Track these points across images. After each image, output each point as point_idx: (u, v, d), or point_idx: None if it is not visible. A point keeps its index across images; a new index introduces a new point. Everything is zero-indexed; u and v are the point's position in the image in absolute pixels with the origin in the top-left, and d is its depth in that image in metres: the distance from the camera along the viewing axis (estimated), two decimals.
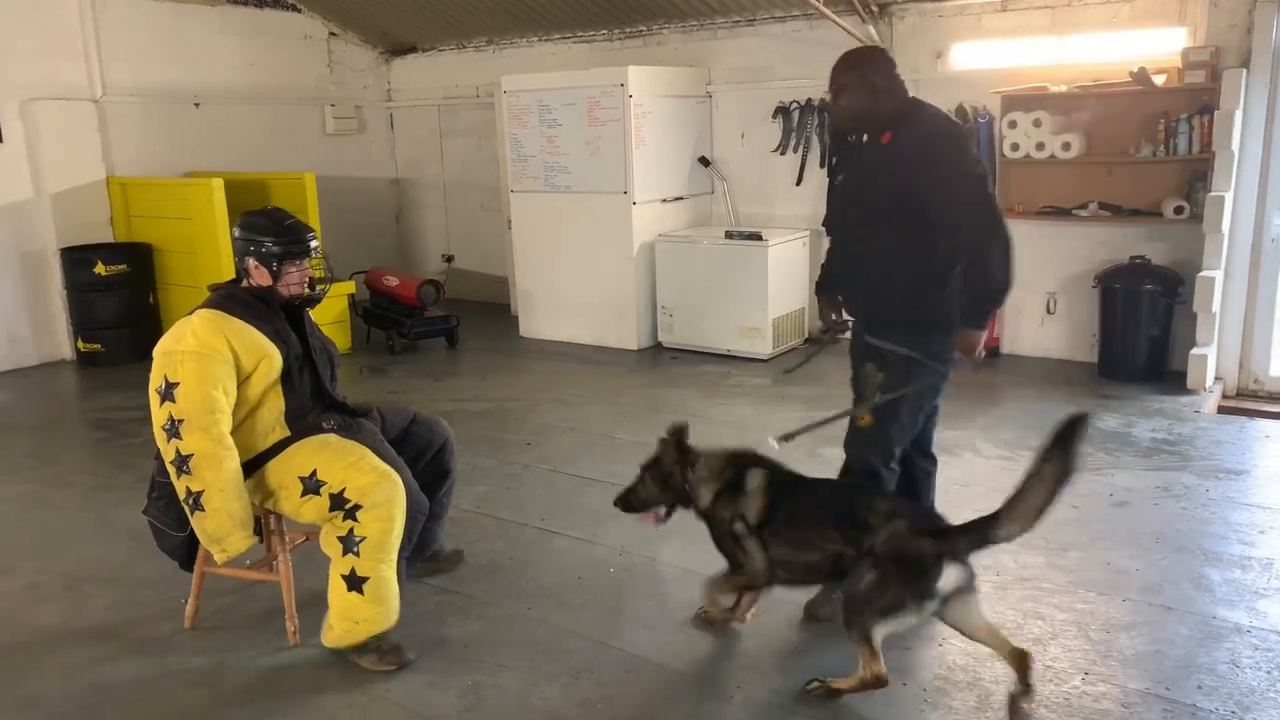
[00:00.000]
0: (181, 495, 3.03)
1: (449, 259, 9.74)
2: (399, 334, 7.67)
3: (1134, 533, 4.03)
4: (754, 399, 6.22)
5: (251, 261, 3.22)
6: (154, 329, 7.67)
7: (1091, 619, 3.33)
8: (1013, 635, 3.19)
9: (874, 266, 3.29)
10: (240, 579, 3.49)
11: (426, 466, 3.52)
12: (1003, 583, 3.60)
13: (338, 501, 3.05)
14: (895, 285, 3.23)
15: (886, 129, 3.22)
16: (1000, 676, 2.97)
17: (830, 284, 3.61)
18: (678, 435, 3.20)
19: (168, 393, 3.03)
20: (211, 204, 7.11)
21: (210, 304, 3.17)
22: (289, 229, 3.25)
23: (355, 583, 3.06)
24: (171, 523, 3.18)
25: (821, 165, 7.47)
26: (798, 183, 7.62)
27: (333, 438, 3.19)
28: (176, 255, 7.59)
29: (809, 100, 7.46)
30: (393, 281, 7.86)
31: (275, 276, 3.23)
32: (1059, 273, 6.78)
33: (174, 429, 3.00)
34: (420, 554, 3.69)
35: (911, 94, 3.35)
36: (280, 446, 3.17)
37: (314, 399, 3.30)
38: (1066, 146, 6.35)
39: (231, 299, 3.19)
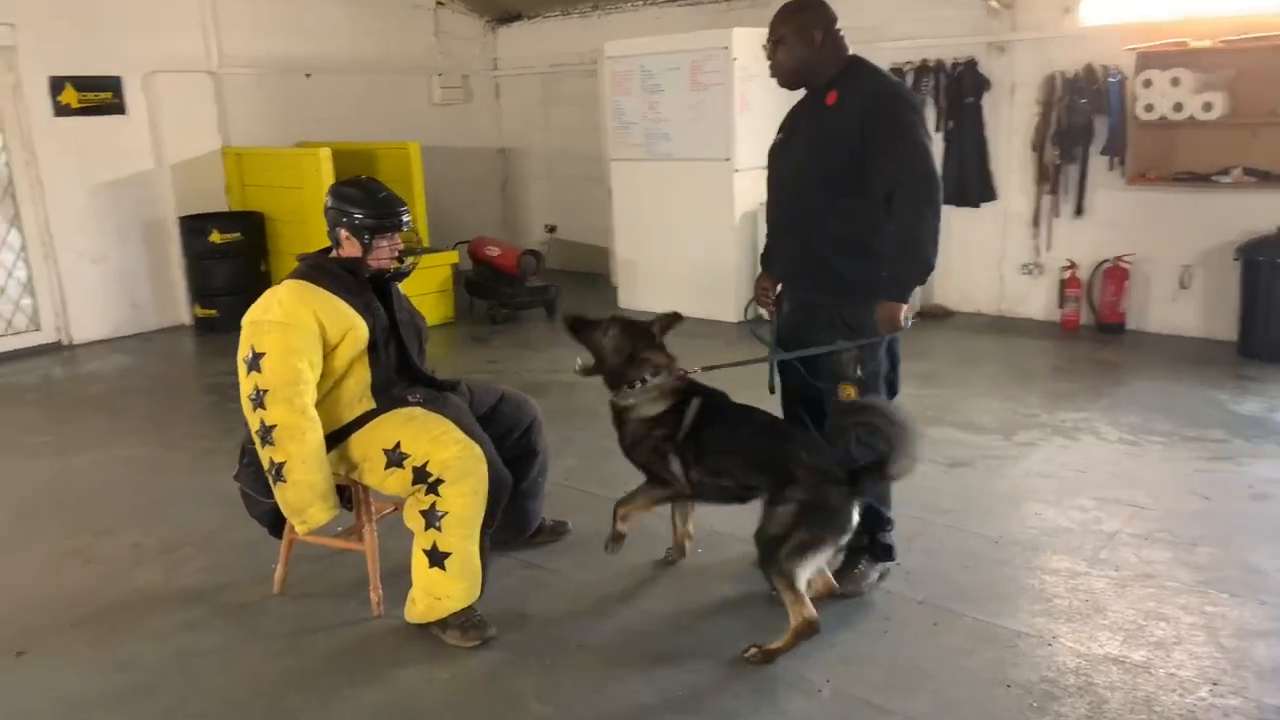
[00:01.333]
0: (265, 466, 3.04)
1: (551, 229, 9.70)
2: (499, 304, 7.67)
3: (1275, 529, 3.68)
4: None
5: (343, 232, 3.19)
6: None
7: (1223, 623, 3.04)
8: (1132, 638, 2.96)
9: (807, 226, 3.16)
10: (328, 547, 3.51)
11: (514, 445, 3.47)
12: (1122, 579, 3.33)
13: (420, 475, 3.01)
14: (825, 246, 3.11)
15: (831, 88, 3.09)
16: (1115, 683, 2.74)
17: (769, 256, 3.44)
18: (667, 326, 3.23)
19: (254, 363, 3.02)
20: (319, 173, 7.22)
21: (298, 274, 3.16)
22: (382, 201, 3.20)
23: (437, 558, 3.02)
24: (261, 489, 3.19)
25: (938, 129, 7.12)
26: None
27: (418, 411, 3.15)
28: (287, 224, 7.75)
29: (924, 61, 7.09)
30: (494, 252, 7.86)
31: (366, 249, 3.19)
32: (1195, 245, 6.30)
33: (259, 400, 3.00)
34: (520, 533, 3.66)
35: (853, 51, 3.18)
36: (365, 419, 3.14)
37: (400, 372, 3.26)
38: (1208, 107, 5.86)
39: (319, 269, 3.17)
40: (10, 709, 2.85)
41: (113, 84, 7.46)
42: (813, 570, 2.93)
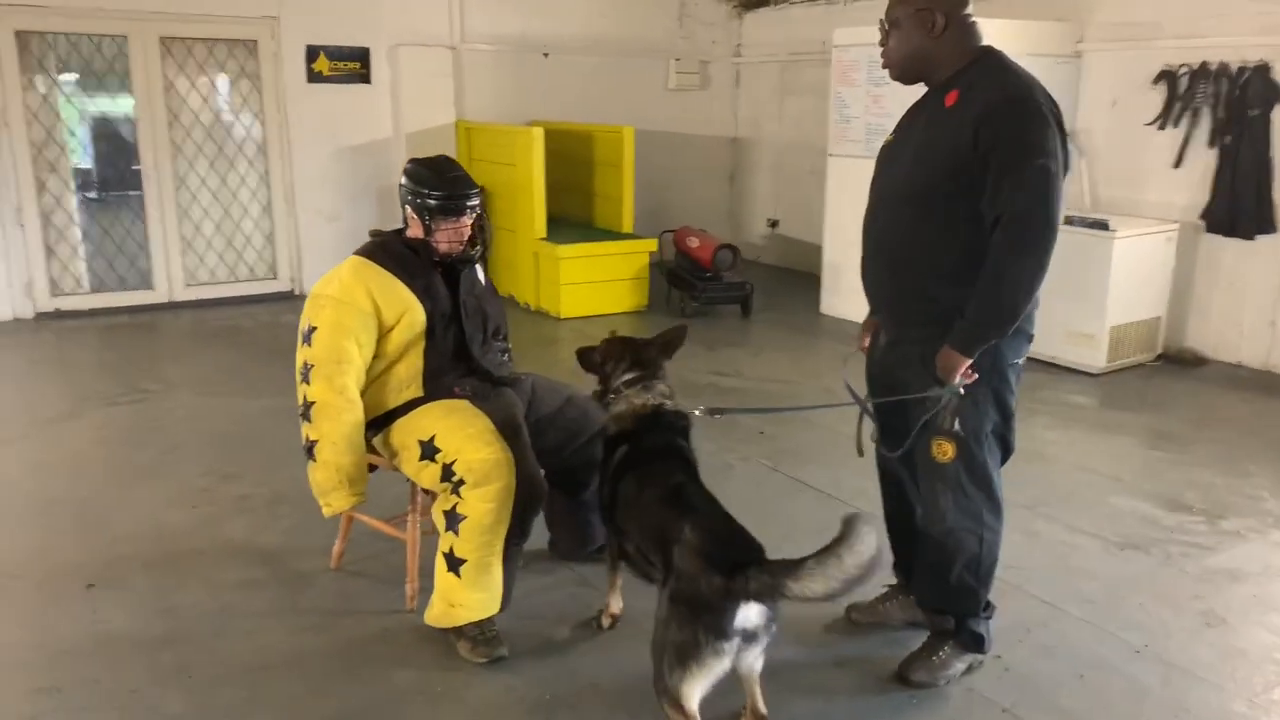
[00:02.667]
0: (302, 442, 2.99)
1: (774, 224, 9.31)
2: (691, 297, 7.43)
3: None
4: (1068, 422, 5.18)
5: (409, 211, 3.08)
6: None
7: None
8: None
9: (903, 247, 2.66)
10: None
11: (575, 452, 3.23)
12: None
13: (447, 473, 2.85)
14: (922, 272, 2.62)
15: (952, 87, 2.53)
16: None
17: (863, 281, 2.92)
18: (667, 345, 2.95)
19: (307, 337, 2.98)
20: (530, 152, 7.30)
21: (362, 251, 3.09)
22: (449, 183, 3.06)
23: (454, 563, 2.85)
24: None
25: (1210, 144, 6.04)
26: (1176, 164, 6.23)
27: (461, 404, 2.99)
28: (503, 199, 7.92)
29: (1202, 64, 6.03)
30: (694, 243, 7.61)
31: (428, 230, 3.07)
32: None
33: (305, 374, 2.96)
34: (582, 547, 3.44)
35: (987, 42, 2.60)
36: (410, 405, 3.03)
37: (456, 360, 3.11)
38: None
39: (383, 248, 3.09)
40: (50, 634, 3.00)
41: (361, 55, 7.93)
42: (703, 686, 2.27)
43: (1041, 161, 2.42)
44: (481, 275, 3.29)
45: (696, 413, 2.88)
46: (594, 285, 7.50)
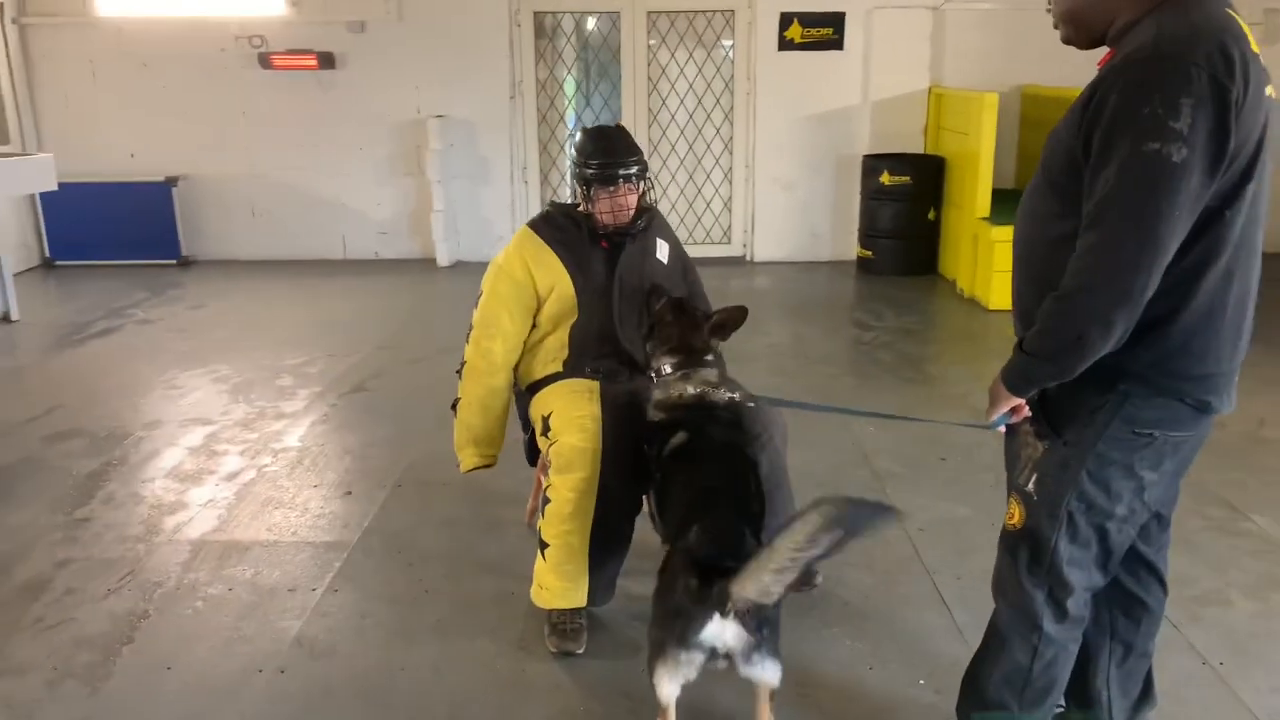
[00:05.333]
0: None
1: None
2: None
3: None
4: None
5: (574, 181, 3.02)
6: (927, 246, 7.56)
7: None
8: None
9: (1025, 252, 2.01)
10: None
11: None
12: None
13: (549, 453, 2.79)
14: (1033, 283, 1.94)
15: (1113, 42, 1.77)
16: None
17: None
18: (721, 324, 2.74)
19: (476, 300, 3.10)
20: (981, 120, 6.56)
21: (531, 221, 3.10)
22: (602, 151, 2.93)
23: (541, 545, 2.79)
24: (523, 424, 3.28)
25: None
26: None
27: (585, 386, 2.89)
28: (956, 171, 7.24)
29: None
30: None
31: (588, 200, 2.97)
32: None
33: (467, 335, 3.09)
34: None
35: None
36: (549, 380, 3.00)
37: (601, 340, 2.98)
38: None
39: (547, 219, 3.07)
40: (255, 526, 3.59)
41: (835, 20, 7.74)
42: (673, 685, 2.16)
43: (1154, 146, 1.63)
44: (664, 253, 3.10)
45: (737, 397, 2.64)
46: None
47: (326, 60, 7.79)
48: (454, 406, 3.10)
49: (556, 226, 3.04)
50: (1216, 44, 1.67)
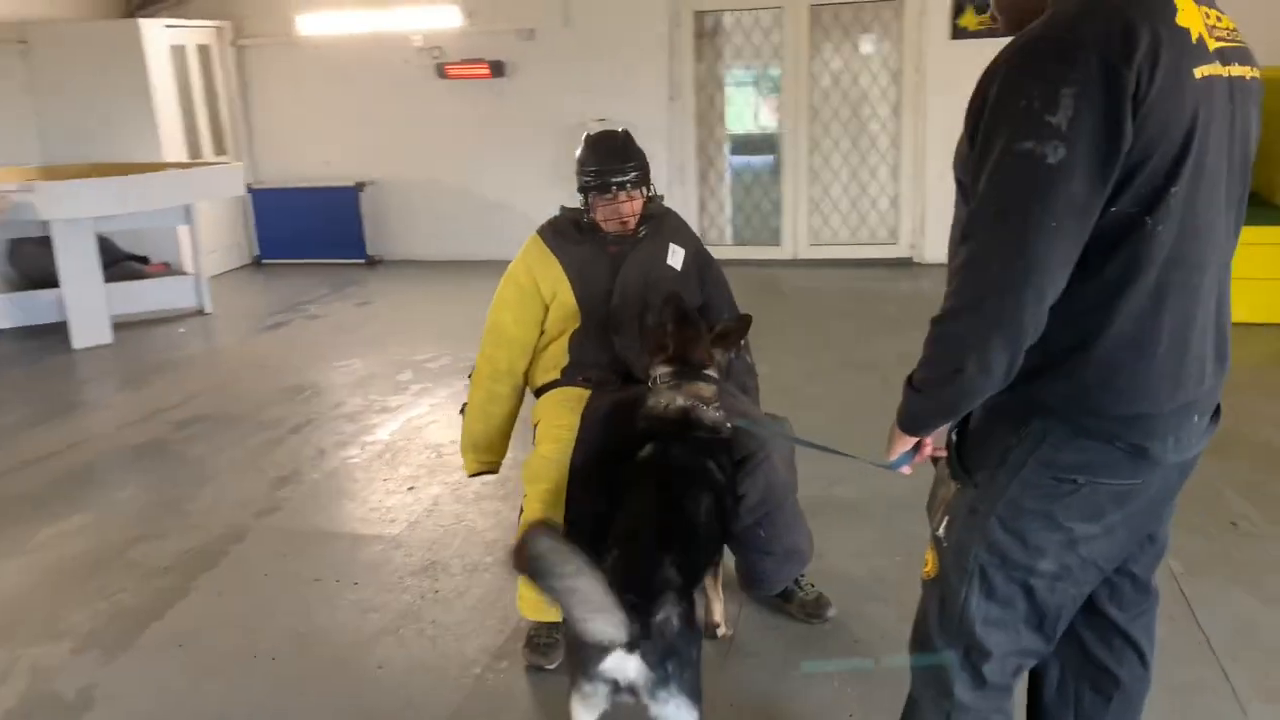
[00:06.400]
0: None
1: None
2: None
3: None
4: None
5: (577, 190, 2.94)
6: None
7: None
8: None
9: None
10: None
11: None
12: None
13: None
14: None
15: None
16: None
17: None
18: (728, 333, 2.66)
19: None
20: None
21: (541, 226, 3.04)
22: (597, 158, 2.85)
23: None
24: None
25: None
26: None
27: (574, 395, 2.81)
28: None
29: None
30: None
31: (588, 208, 2.89)
32: None
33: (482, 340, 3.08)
34: (749, 587, 2.94)
35: None
36: (548, 388, 2.94)
37: (600, 348, 2.88)
38: None
39: (553, 225, 3.01)
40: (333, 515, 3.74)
41: None
42: (586, 713, 2.03)
43: (1027, 145, 1.38)
44: (676, 259, 2.96)
45: (726, 424, 2.46)
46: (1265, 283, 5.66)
47: (497, 69, 8.09)
48: (462, 410, 3.11)
49: (562, 233, 2.97)
50: (1118, 22, 1.39)
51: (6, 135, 7.64)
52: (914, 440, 1.71)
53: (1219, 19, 1.54)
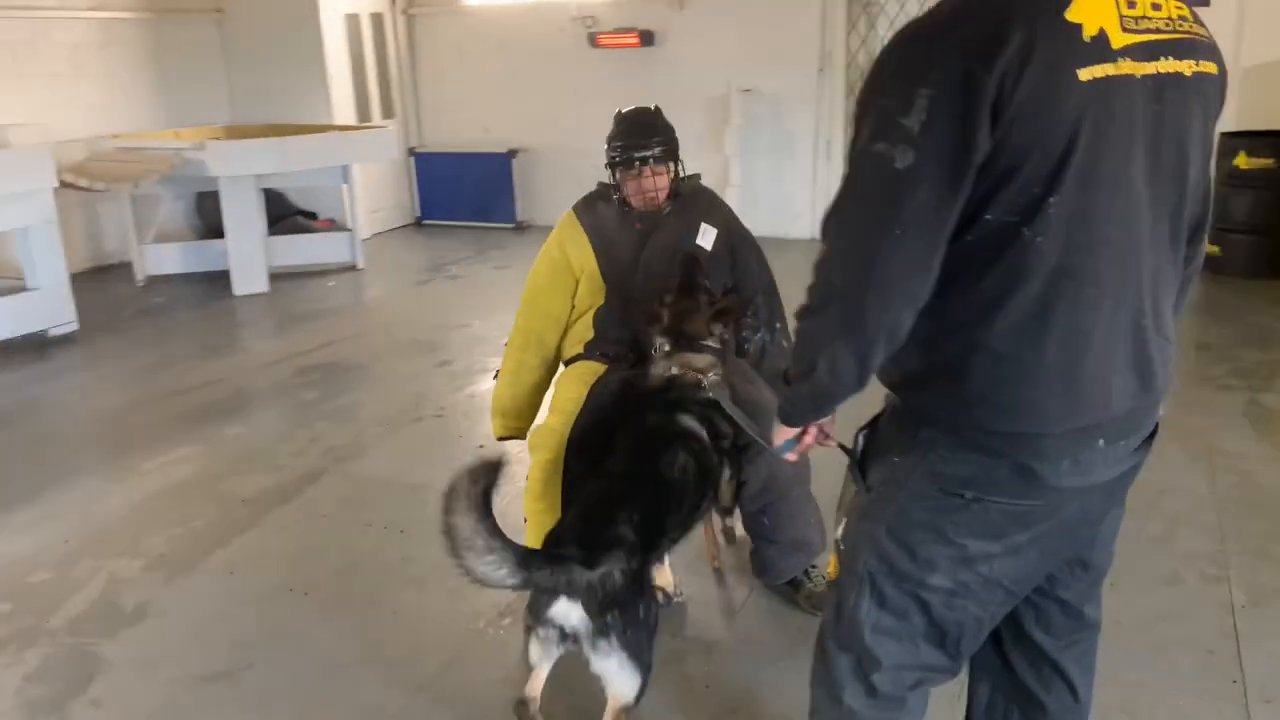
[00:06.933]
0: None
1: None
2: None
3: None
4: None
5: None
6: None
7: None
8: None
9: None
10: None
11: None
12: None
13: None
14: None
15: None
16: None
17: None
18: (727, 310, 2.64)
19: None
20: None
21: (576, 202, 3.08)
22: (625, 133, 2.88)
23: (526, 518, 2.83)
24: None
25: None
26: None
27: (590, 368, 2.86)
28: None
29: None
30: None
31: (616, 184, 2.90)
32: None
33: None
34: (760, 575, 2.92)
35: None
36: (573, 361, 2.99)
37: (621, 324, 2.90)
38: None
39: (587, 200, 3.07)
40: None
41: None
42: (540, 656, 2.20)
43: (880, 147, 1.34)
44: (707, 238, 2.92)
45: (705, 384, 2.49)
46: None
47: (646, 38, 8.12)
48: (495, 375, 3.21)
49: (592, 208, 3.01)
50: (992, 21, 1.29)
51: (203, 97, 8.38)
52: (794, 430, 1.65)
53: (1156, 7, 1.39)
